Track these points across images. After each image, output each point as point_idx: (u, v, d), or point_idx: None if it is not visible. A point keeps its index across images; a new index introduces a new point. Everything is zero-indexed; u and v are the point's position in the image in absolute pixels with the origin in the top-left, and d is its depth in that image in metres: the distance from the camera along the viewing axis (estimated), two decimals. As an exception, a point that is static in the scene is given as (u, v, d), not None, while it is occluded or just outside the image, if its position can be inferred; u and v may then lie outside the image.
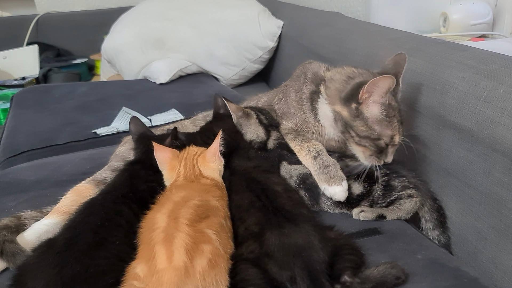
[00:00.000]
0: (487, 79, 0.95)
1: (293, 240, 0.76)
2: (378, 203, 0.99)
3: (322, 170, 0.99)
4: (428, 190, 1.06)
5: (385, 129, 0.97)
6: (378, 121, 0.97)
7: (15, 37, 2.74)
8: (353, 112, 0.99)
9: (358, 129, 0.99)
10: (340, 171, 0.99)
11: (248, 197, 0.89)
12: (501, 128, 0.87)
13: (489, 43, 1.49)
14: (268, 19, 2.22)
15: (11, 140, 1.56)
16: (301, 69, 1.17)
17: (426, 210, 1.03)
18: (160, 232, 0.73)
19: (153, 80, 2.09)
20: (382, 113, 0.97)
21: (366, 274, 0.76)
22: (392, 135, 0.98)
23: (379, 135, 0.98)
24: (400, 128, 0.99)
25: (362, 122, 0.98)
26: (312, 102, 1.09)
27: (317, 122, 1.09)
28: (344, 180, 0.98)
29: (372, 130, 0.98)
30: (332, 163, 1.00)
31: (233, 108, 1.10)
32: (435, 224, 1.04)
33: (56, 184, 1.18)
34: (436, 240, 1.03)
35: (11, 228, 0.91)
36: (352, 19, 1.82)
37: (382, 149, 0.99)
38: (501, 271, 0.90)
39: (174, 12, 2.25)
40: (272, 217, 0.82)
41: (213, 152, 0.94)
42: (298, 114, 1.12)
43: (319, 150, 1.03)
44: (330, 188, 0.97)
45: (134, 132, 1.10)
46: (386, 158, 1.00)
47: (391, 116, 0.97)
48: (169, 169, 0.95)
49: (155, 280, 0.66)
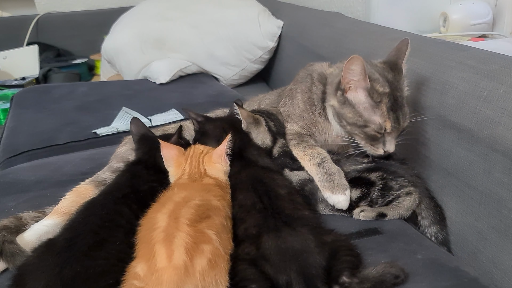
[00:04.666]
0: (487, 79, 0.95)
1: (290, 244, 0.76)
2: (377, 203, 1.00)
3: (326, 178, 0.99)
4: (425, 188, 1.06)
5: (372, 116, 0.97)
6: (364, 108, 0.97)
7: (15, 37, 2.74)
8: (340, 99, 1.00)
9: (346, 116, 0.99)
10: (344, 179, 0.99)
11: (251, 198, 0.89)
12: (501, 128, 0.87)
13: (489, 43, 1.49)
14: (268, 19, 2.22)
15: (11, 140, 1.56)
16: (304, 72, 1.18)
17: (423, 208, 1.04)
18: (161, 231, 0.73)
19: (153, 80, 2.09)
20: (367, 99, 0.96)
21: (364, 274, 0.75)
22: (381, 122, 0.96)
23: (366, 122, 0.97)
24: (391, 115, 0.97)
25: (349, 108, 0.98)
26: (323, 101, 1.09)
27: (326, 120, 1.09)
28: (348, 189, 0.98)
29: (359, 117, 0.97)
30: (336, 171, 1.00)
31: (244, 115, 1.09)
32: (431, 221, 1.04)
33: (56, 184, 1.18)
34: (434, 237, 1.03)
35: (11, 229, 0.91)
36: (352, 19, 1.82)
37: (373, 137, 0.98)
38: (501, 271, 0.90)
39: (174, 12, 2.25)
40: (271, 220, 0.82)
41: (219, 154, 0.95)
42: (306, 115, 1.12)
43: (324, 157, 1.03)
44: (334, 196, 0.97)
45: (135, 133, 1.10)
46: (385, 147, 0.99)
47: (376, 101, 0.96)
48: (175, 166, 0.95)
49: (155, 279, 0.66)
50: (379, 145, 0.99)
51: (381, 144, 0.99)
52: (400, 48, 1.04)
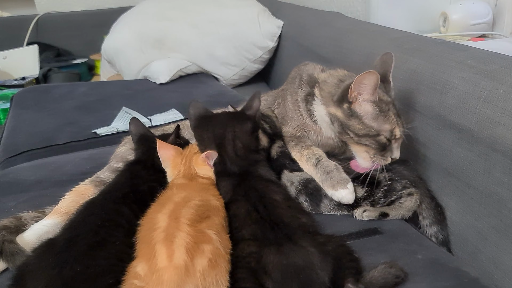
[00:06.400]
0: (487, 79, 0.95)
1: (292, 260, 0.74)
2: (379, 203, 1.00)
3: (325, 176, 0.99)
4: (426, 188, 1.06)
5: (383, 124, 0.97)
6: (373, 118, 0.97)
7: (15, 37, 2.74)
8: (346, 112, 0.99)
9: (355, 128, 0.99)
10: (343, 173, 0.99)
11: (244, 207, 0.86)
12: (501, 128, 0.87)
13: (489, 43, 1.49)
14: (268, 19, 2.22)
15: (11, 140, 1.56)
16: (296, 71, 1.18)
17: (424, 208, 1.04)
18: (161, 231, 0.73)
19: (153, 80, 2.09)
20: (375, 109, 0.97)
21: (368, 279, 0.75)
22: (391, 129, 0.98)
23: (378, 131, 0.97)
24: (398, 121, 0.99)
25: (357, 120, 0.98)
26: (307, 103, 1.10)
27: (314, 123, 1.09)
28: (349, 182, 0.98)
29: (370, 127, 0.98)
30: (334, 168, 1.00)
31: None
32: (432, 221, 1.04)
33: (56, 184, 1.18)
34: (434, 237, 1.03)
35: (11, 229, 0.91)
36: (352, 19, 1.82)
37: (384, 145, 0.98)
38: (501, 271, 0.90)
39: (174, 12, 2.25)
40: (270, 232, 0.79)
41: (203, 157, 0.94)
42: (296, 116, 1.12)
43: (319, 156, 1.03)
44: (337, 192, 0.97)
45: (134, 133, 1.10)
46: (392, 155, 0.99)
47: (385, 110, 0.97)
48: (172, 167, 0.96)
49: (155, 278, 0.66)
50: (388, 154, 0.99)
51: (389, 152, 0.99)
52: (385, 61, 1.04)
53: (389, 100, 0.99)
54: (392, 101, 1.00)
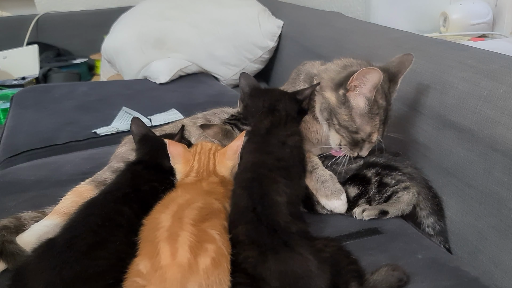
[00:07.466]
0: (487, 78, 0.95)
1: (290, 267, 0.73)
2: (375, 200, 1.01)
3: (319, 186, 1.00)
4: (423, 178, 1.06)
5: (365, 125, 0.97)
6: (360, 114, 0.97)
7: (15, 37, 2.73)
8: (340, 98, 0.99)
9: (341, 117, 0.99)
10: (338, 184, 1.00)
11: (244, 200, 0.84)
12: (501, 128, 0.87)
13: (489, 43, 1.49)
14: (268, 19, 2.21)
15: (11, 140, 1.56)
16: (295, 71, 1.18)
17: (421, 199, 1.04)
18: (165, 230, 0.73)
19: (153, 80, 2.09)
20: (366, 107, 0.96)
21: (371, 283, 0.75)
22: (370, 132, 0.98)
23: (358, 129, 0.97)
24: (380, 128, 0.98)
25: (346, 110, 0.98)
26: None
27: (315, 120, 1.09)
28: (343, 193, 0.99)
29: (353, 122, 0.97)
30: (329, 177, 1.00)
31: (211, 135, 1.07)
32: (429, 212, 1.04)
33: (56, 184, 1.18)
34: (431, 228, 1.03)
35: (10, 229, 0.91)
36: (352, 19, 1.82)
37: (357, 142, 0.99)
38: (501, 271, 0.90)
39: (174, 11, 2.25)
40: (266, 237, 0.77)
41: (235, 150, 0.94)
42: None
43: (314, 164, 1.03)
44: (330, 202, 0.99)
45: (135, 133, 1.10)
46: (360, 152, 1.01)
47: (374, 113, 0.97)
48: (183, 163, 0.95)
49: (158, 276, 0.66)
50: (357, 150, 1.00)
51: (358, 149, 1.00)
52: (403, 62, 1.03)
53: (383, 105, 0.98)
54: (386, 107, 0.99)
